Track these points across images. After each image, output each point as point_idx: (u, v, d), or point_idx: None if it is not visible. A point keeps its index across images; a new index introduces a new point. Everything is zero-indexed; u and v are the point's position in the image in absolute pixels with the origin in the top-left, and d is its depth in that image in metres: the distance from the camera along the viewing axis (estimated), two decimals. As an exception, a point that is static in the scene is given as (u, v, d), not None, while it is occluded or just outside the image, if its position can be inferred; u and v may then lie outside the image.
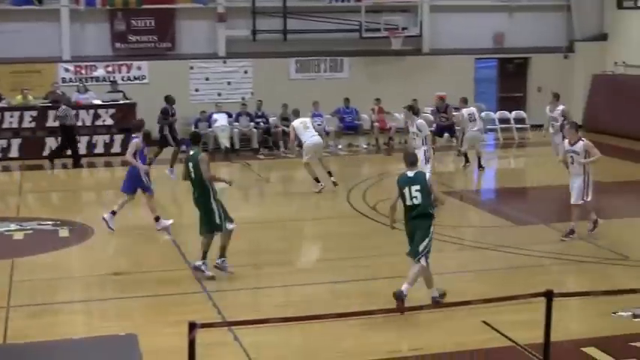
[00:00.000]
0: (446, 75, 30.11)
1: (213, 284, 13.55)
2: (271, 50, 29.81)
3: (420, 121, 19.40)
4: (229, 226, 13.96)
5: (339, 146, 27.65)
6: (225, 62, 29.65)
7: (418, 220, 12.41)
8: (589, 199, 16.17)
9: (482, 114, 28.72)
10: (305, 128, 21.48)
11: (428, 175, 12.75)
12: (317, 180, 21.03)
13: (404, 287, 12.23)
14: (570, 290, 11.45)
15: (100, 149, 26.65)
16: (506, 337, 11.20)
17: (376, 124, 28.13)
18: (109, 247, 16.64)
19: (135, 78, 28.85)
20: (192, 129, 27.16)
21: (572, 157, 16.16)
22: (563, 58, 32.49)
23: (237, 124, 27.63)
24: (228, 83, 29.55)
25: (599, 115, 30.25)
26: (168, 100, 23.84)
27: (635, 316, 11.94)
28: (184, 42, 29.47)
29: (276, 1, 29.76)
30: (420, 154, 18.31)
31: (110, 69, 28.67)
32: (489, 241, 16.21)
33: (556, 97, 22.32)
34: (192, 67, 29.35)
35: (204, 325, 8.27)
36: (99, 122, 26.77)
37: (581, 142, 16.11)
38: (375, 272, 14.30)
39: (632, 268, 14.55)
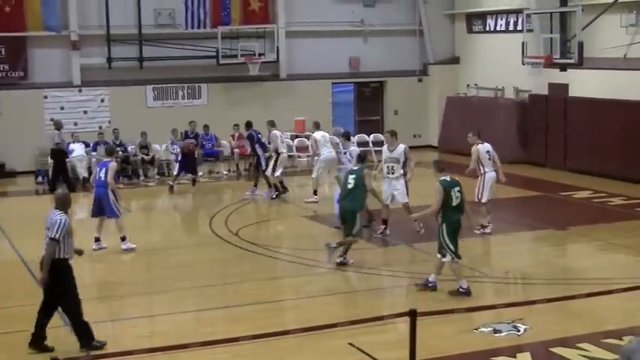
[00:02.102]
0: (304, 100, 30.41)
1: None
2: (128, 78, 29.45)
3: (353, 147, 19.47)
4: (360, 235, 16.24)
5: (200, 173, 27.46)
6: (80, 91, 29.11)
7: (460, 222, 13.90)
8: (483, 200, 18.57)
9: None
10: (325, 142, 22.39)
11: None
12: (315, 193, 22.66)
13: (464, 283, 13.95)
14: (433, 309, 11.65)
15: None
16: (372, 358, 11.29)
17: (236, 150, 28.11)
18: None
19: (-14, 109, 28.07)
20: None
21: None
22: (417, 81, 33.27)
23: (94, 153, 27.14)
24: (85, 112, 28.99)
25: (453, 136, 31.03)
26: (250, 125, 24.23)
27: (495, 331, 12.25)
28: (37, 71, 28.82)
29: (132, 29, 29.46)
30: None
31: (-41, 100, 27.81)
32: (352, 263, 16.37)
33: (394, 135, 18.66)
34: (46, 97, 28.68)
35: (66, 360, 8.08)
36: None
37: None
38: (241, 298, 14.28)
39: (490, 284, 14.93)
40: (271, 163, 23.08)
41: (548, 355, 11.53)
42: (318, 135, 22.69)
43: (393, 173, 18.34)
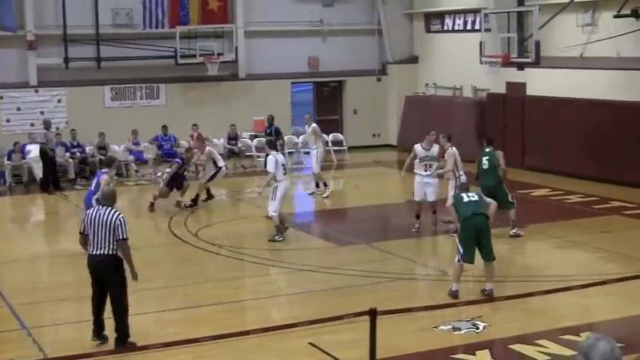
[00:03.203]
0: (263, 99, 30.38)
1: (32, 320, 13.10)
2: (85, 78, 29.18)
3: (270, 156, 18.69)
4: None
5: (159, 174, 27.28)
6: (37, 91, 28.84)
7: (478, 220, 14.04)
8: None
9: (300, 137, 29.48)
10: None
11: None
12: (325, 184, 23.52)
13: (490, 286, 13.74)
14: (392, 307, 11.69)
15: None
16: (333, 357, 11.31)
17: (196, 150, 27.90)
18: None
19: (-59, 109, 27.71)
20: (6, 161, 26.42)
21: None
22: (376, 80, 33.35)
23: (52, 154, 26.88)
24: (42, 113, 28.61)
25: (412, 134, 31.05)
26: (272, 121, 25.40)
27: (454, 329, 12.31)
28: (-7, 71, 28.55)
29: (89, 28, 29.23)
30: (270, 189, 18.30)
31: None
32: (311, 262, 16.38)
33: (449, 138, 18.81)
34: (2, 97, 28.38)
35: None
36: None
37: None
38: (200, 299, 14.24)
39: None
40: (209, 174, 22.75)
41: (507, 352, 11.62)
42: (317, 127, 23.51)
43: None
